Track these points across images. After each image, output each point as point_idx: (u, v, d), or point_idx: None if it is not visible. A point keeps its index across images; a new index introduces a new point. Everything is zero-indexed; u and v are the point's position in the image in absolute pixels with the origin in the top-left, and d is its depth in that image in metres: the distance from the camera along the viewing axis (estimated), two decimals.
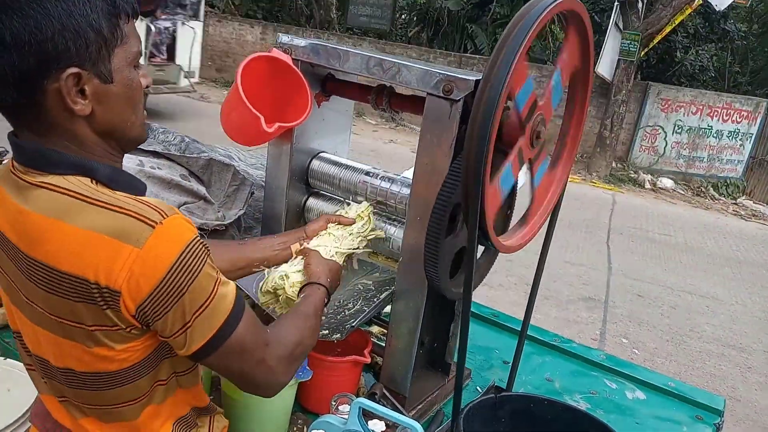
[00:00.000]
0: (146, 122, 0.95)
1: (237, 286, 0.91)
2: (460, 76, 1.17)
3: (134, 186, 0.87)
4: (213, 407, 1.09)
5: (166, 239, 0.78)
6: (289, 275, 1.22)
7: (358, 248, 1.36)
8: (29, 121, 0.82)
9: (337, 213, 1.43)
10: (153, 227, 0.77)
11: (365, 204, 1.42)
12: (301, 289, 1.19)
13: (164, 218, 0.79)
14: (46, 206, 0.80)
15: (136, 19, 0.86)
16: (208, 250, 0.84)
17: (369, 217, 1.41)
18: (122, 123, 0.86)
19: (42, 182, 0.81)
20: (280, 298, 1.23)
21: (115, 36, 0.81)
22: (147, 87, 0.90)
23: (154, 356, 0.89)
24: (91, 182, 0.82)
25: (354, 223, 1.38)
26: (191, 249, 0.80)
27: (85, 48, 0.78)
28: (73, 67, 0.78)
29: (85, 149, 0.84)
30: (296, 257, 1.29)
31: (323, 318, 1.41)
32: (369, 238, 1.39)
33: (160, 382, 0.93)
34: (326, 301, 1.17)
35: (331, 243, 1.32)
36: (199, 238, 0.82)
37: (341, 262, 1.29)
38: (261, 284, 1.24)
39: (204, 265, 0.82)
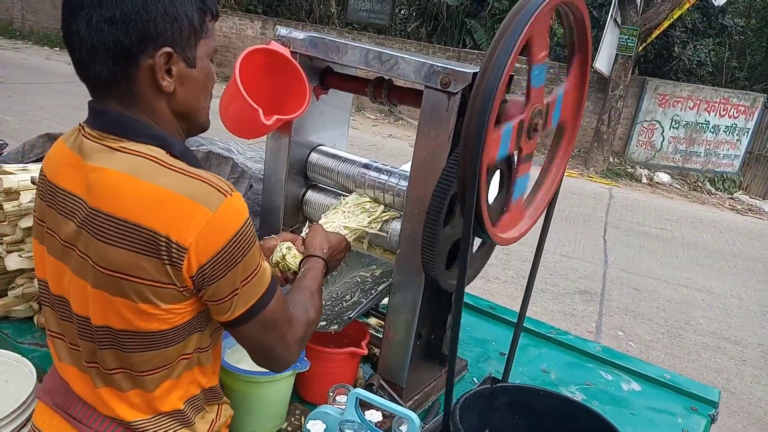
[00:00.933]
0: None
1: None
2: (457, 68, 1.17)
3: (200, 165, 0.93)
4: (220, 393, 1.11)
5: (233, 210, 0.87)
6: (292, 247, 1.28)
7: (368, 226, 1.38)
8: (116, 94, 0.89)
9: (334, 206, 1.44)
10: (225, 196, 0.86)
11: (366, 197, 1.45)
12: (301, 261, 1.25)
13: (232, 191, 0.88)
14: (127, 166, 0.86)
15: (216, 21, 0.97)
16: (256, 232, 0.93)
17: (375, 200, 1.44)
18: (196, 107, 0.97)
19: (122, 147, 0.88)
20: (282, 267, 1.27)
21: (203, 29, 0.92)
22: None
23: (188, 326, 0.93)
24: (166, 154, 0.90)
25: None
26: (249, 223, 0.89)
27: (179, 33, 0.88)
28: (167, 47, 0.87)
29: (160, 125, 0.93)
30: (305, 231, 1.33)
31: (323, 309, 1.42)
32: (383, 218, 1.42)
33: (185, 355, 0.97)
34: (325, 272, 1.24)
35: (339, 218, 1.37)
36: (251, 218, 0.91)
37: (350, 239, 1.34)
38: (270, 257, 1.29)
39: (255, 239, 0.92)
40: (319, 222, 1.37)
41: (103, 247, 0.86)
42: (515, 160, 1.20)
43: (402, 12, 14.09)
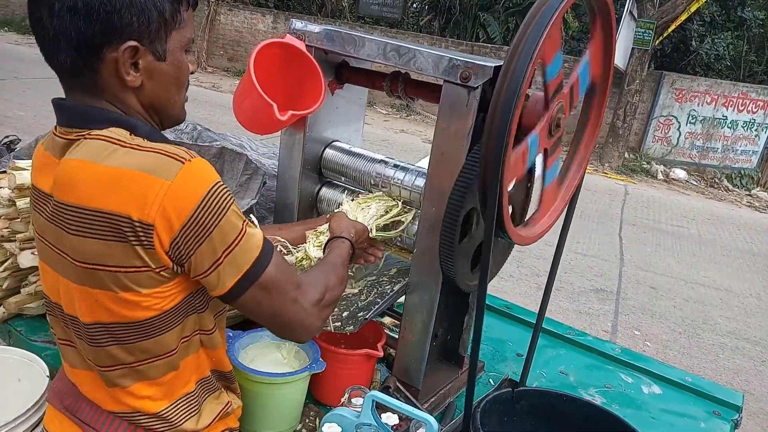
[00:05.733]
0: None
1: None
2: (478, 62, 1.13)
3: (169, 143, 0.90)
4: (233, 378, 1.10)
5: (194, 175, 0.82)
6: (314, 237, 1.29)
7: (384, 215, 1.37)
8: (82, 84, 0.87)
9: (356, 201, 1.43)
10: (183, 163, 0.81)
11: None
12: (325, 245, 1.23)
13: (192, 158, 0.83)
14: (82, 152, 0.84)
15: (194, 9, 0.93)
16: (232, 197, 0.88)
17: (392, 198, 1.42)
18: (167, 100, 0.93)
19: (86, 135, 0.86)
20: (304, 262, 1.26)
21: (175, 20, 0.88)
22: (192, 72, 0.96)
23: (181, 309, 0.91)
24: (129, 134, 0.87)
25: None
26: (218, 187, 0.83)
27: (147, 25, 0.84)
28: (133, 40, 0.84)
29: (129, 114, 0.90)
30: (324, 224, 1.32)
31: (338, 309, 1.39)
32: (399, 218, 1.40)
33: (184, 339, 0.94)
34: (351, 252, 1.21)
35: (356, 210, 1.36)
36: (222, 182, 0.86)
37: (371, 230, 1.33)
38: (297, 254, 1.27)
39: (231, 204, 0.85)
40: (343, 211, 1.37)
41: (75, 240, 0.83)
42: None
43: (414, 5, 13.99)
